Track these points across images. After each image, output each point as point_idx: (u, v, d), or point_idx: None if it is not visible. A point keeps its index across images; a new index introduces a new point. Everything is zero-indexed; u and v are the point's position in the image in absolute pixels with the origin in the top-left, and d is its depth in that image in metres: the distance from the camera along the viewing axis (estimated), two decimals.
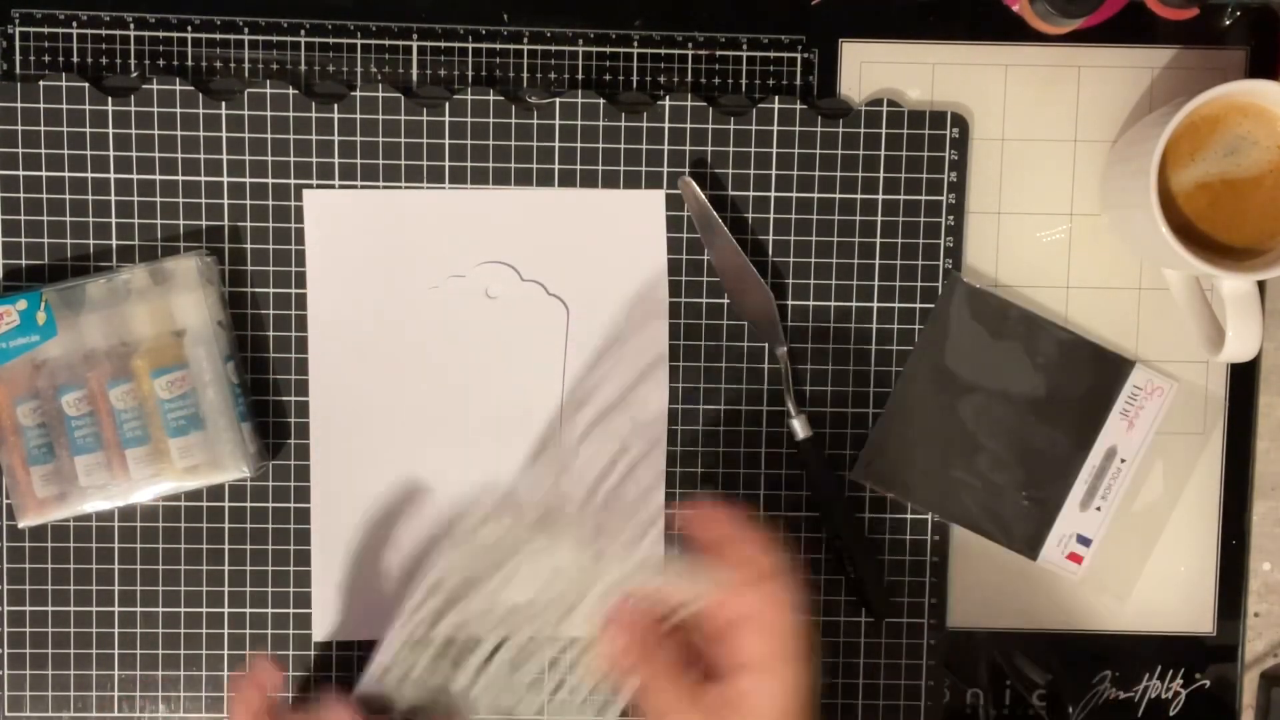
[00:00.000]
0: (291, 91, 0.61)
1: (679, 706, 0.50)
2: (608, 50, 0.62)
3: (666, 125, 0.61)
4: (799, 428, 0.61)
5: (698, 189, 0.60)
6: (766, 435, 0.62)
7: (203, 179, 0.61)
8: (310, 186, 0.61)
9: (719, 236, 0.61)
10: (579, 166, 0.61)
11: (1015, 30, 0.62)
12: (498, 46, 0.62)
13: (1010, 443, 0.62)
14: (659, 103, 0.61)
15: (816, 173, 0.62)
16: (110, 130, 0.60)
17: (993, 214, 0.63)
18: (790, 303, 0.62)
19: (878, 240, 0.62)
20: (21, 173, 0.60)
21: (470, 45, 0.62)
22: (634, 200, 0.61)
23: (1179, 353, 0.63)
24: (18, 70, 0.61)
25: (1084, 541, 0.62)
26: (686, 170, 0.61)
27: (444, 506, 0.62)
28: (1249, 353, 0.57)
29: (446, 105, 0.61)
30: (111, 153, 0.61)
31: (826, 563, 0.63)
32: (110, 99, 0.60)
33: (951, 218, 0.62)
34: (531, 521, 0.57)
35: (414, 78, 0.62)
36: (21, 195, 0.61)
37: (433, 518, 0.62)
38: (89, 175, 0.61)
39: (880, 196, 0.62)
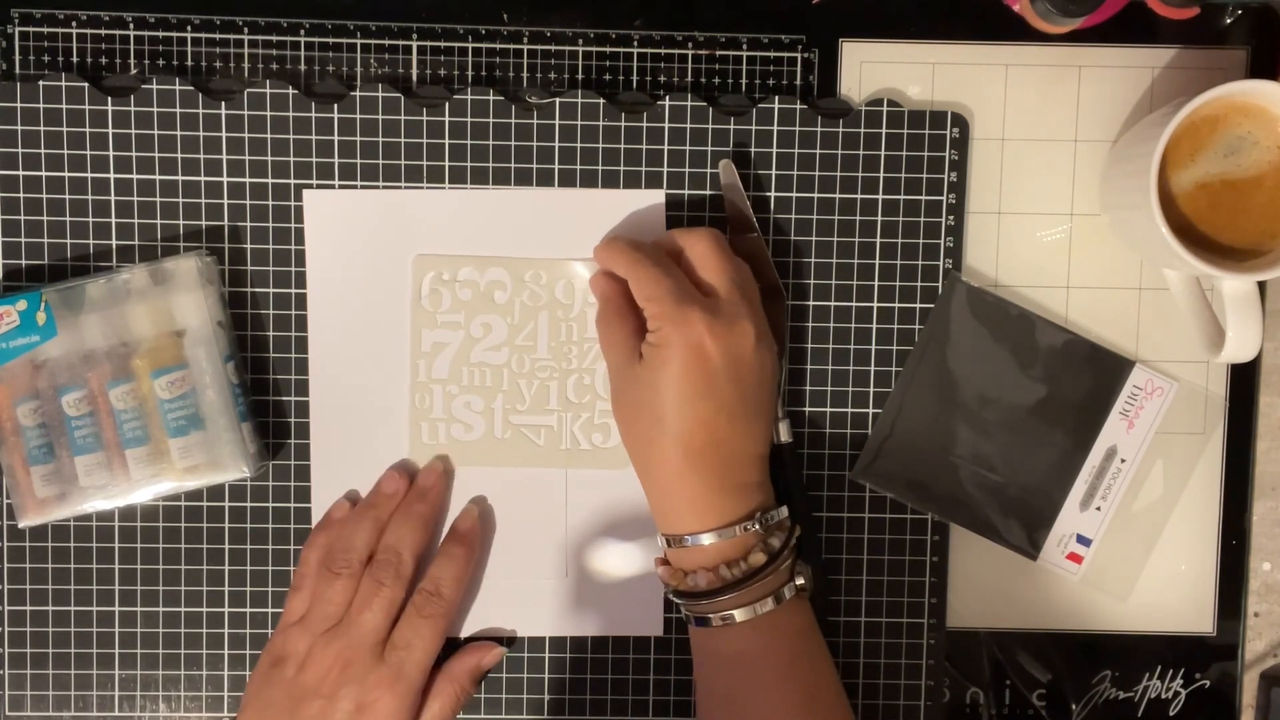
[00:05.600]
0: (291, 91, 0.61)
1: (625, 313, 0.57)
2: (608, 50, 0.62)
3: (666, 125, 0.61)
4: (781, 431, 0.61)
5: (736, 174, 0.60)
6: None
7: (203, 179, 0.61)
8: (310, 186, 0.61)
9: (748, 227, 0.60)
10: (579, 166, 0.61)
11: (1015, 30, 0.62)
12: (498, 46, 0.62)
13: (1010, 442, 0.62)
14: (659, 103, 0.61)
15: (816, 173, 0.62)
16: (110, 130, 0.60)
17: (993, 214, 0.63)
18: (790, 303, 0.62)
19: (878, 240, 0.62)
20: (21, 173, 0.60)
21: (470, 45, 0.62)
22: (634, 200, 0.61)
23: (1179, 353, 0.63)
24: (18, 70, 0.61)
25: (1084, 541, 0.62)
26: (673, 166, 0.61)
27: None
28: (1249, 353, 0.57)
29: (446, 105, 0.61)
30: (111, 153, 0.61)
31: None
32: (110, 99, 0.60)
33: (951, 218, 0.62)
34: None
35: (414, 78, 0.62)
36: (21, 195, 0.61)
37: None
38: (89, 175, 0.61)
39: (880, 196, 0.62)
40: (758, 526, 0.56)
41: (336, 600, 0.58)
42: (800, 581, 0.57)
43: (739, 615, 0.55)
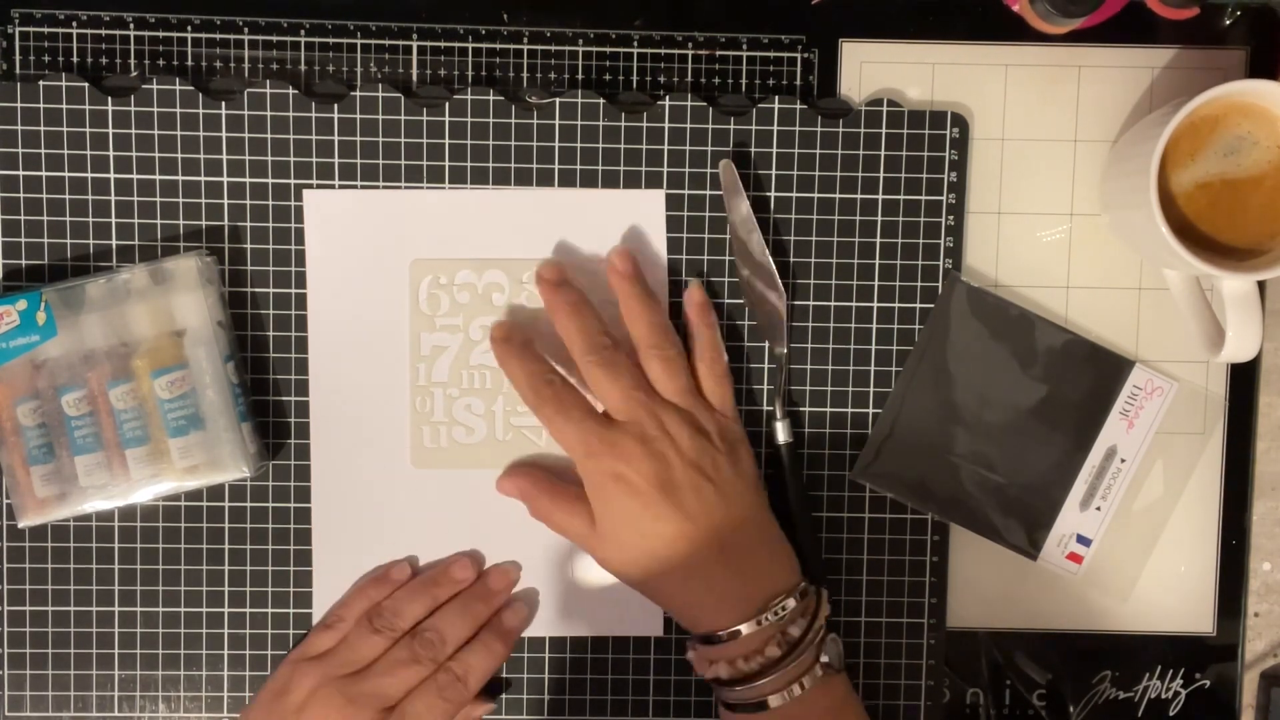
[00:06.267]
0: (291, 91, 0.61)
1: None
2: (608, 50, 0.62)
3: (666, 125, 0.61)
4: (781, 431, 0.61)
5: (735, 173, 0.60)
6: (765, 435, 0.62)
7: (203, 179, 0.61)
8: (310, 186, 0.61)
9: (747, 227, 0.60)
10: (579, 166, 0.61)
11: (1015, 30, 0.62)
12: (498, 46, 0.62)
13: (1010, 442, 0.62)
14: (659, 103, 0.61)
15: (816, 173, 0.62)
16: (110, 130, 0.60)
17: (993, 214, 0.63)
18: (790, 303, 0.62)
19: (878, 240, 0.62)
20: (21, 173, 0.60)
21: (470, 45, 0.62)
22: (634, 200, 0.61)
23: (1179, 353, 0.63)
24: (18, 70, 0.61)
25: (1084, 541, 0.62)
26: (680, 163, 0.61)
27: (444, 506, 0.62)
28: (1249, 353, 0.57)
29: (446, 105, 0.61)
30: (111, 153, 0.61)
31: None
32: (110, 99, 0.60)
33: (951, 218, 0.62)
34: None
35: (414, 78, 0.62)
36: (21, 195, 0.61)
37: (436, 516, 0.62)
38: (89, 175, 0.61)
39: (880, 196, 0.62)
40: (771, 617, 0.55)
41: (366, 655, 0.58)
42: (826, 660, 0.56)
43: (773, 701, 0.55)
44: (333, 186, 0.61)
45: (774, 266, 0.61)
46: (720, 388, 0.59)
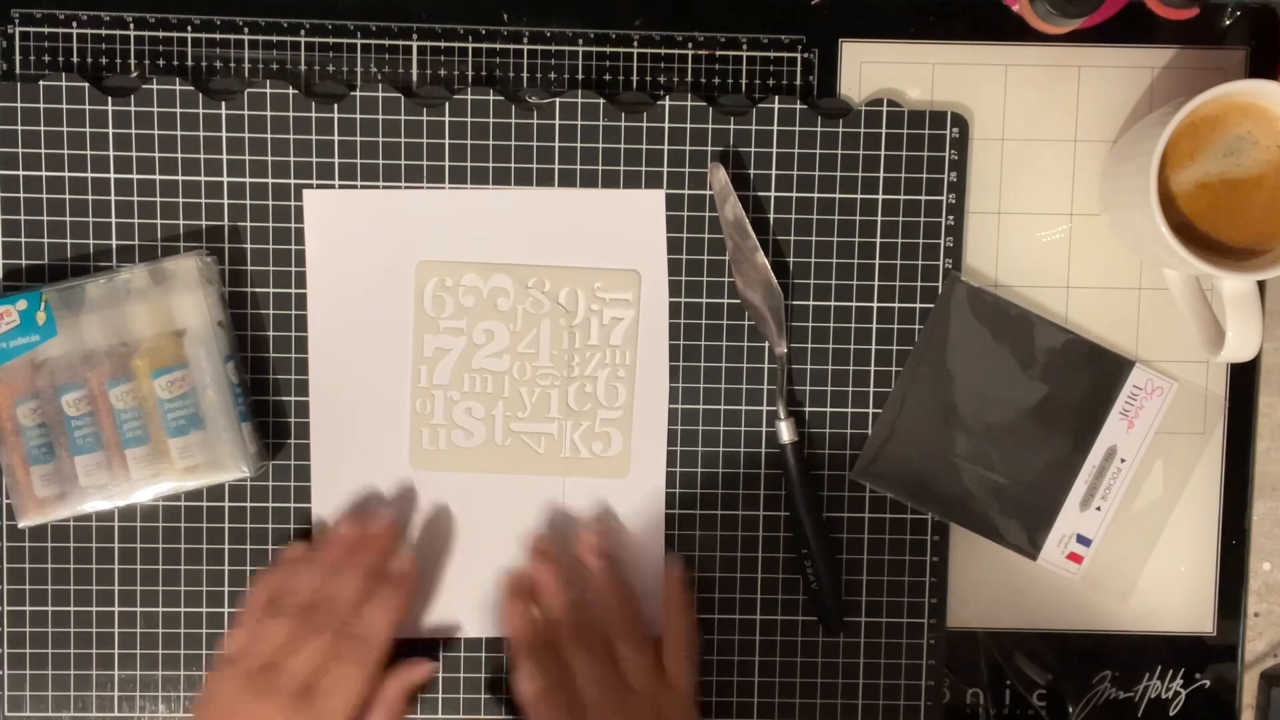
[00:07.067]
0: (291, 91, 0.61)
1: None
2: (608, 50, 0.62)
3: (666, 125, 0.61)
4: (785, 431, 0.61)
5: (725, 176, 0.60)
6: (766, 435, 0.62)
7: (203, 179, 0.61)
8: (310, 186, 0.61)
9: (740, 229, 0.60)
10: (579, 166, 0.61)
11: (1015, 30, 0.62)
12: (498, 46, 0.62)
13: (1010, 442, 0.62)
14: (659, 103, 0.61)
15: (816, 173, 0.62)
16: (110, 130, 0.60)
17: (993, 214, 0.63)
18: (790, 303, 0.62)
19: (878, 240, 0.62)
20: (21, 173, 0.60)
21: (470, 45, 0.62)
22: (634, 200, 0.61)
23: (1179, 353, 0.63)
24: (18, 70, 0.61)
25: (1084, 541, 0.62)
26: (684, 163, 0.61)
27: (444, 506, 0.62)
28: (1249, 353, 0.57)
29: (446, 105, 0.61)
30: (111, 153, 0.61)
31: (786, 565, 0.63)
32: (110, 99, 0.60)
33: (951, 218, 0.62)
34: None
35: (414, 78, 0.62)
36: (21, 195, 0.61)
37: (432, 518, 0.62)
38: (89, 175, 0.61)
39: (880, 196, 0.62)
40: None
41: (272, 640, 0.57)
42: None
43: None
44: (333, 186, 0.61)
45: (770, 267, 0.61)
46: (680, 671, 0.60)
